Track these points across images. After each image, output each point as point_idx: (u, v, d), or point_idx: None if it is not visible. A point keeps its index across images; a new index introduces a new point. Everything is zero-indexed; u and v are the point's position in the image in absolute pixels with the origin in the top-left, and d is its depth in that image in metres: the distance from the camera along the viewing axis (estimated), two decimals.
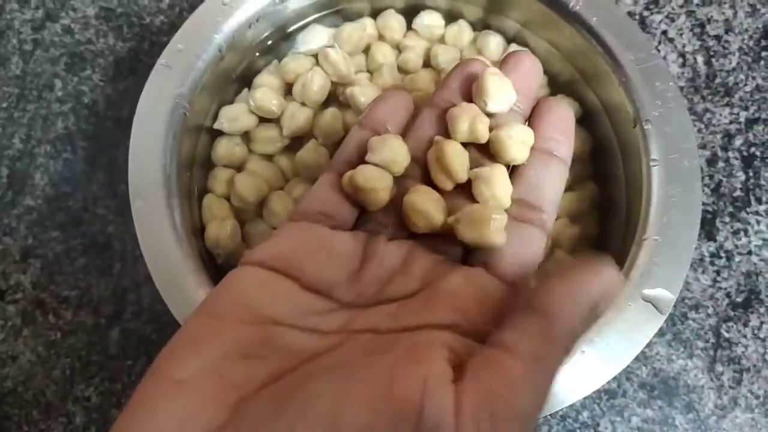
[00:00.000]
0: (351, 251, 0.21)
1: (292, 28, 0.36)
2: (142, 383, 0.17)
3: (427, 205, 0.21)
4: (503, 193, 0.22)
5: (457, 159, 0.22)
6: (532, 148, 0.23)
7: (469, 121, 0.22)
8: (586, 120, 0.34)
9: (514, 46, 0.35)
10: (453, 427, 0.15)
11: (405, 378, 0.16)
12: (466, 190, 0.22)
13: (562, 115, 0.23)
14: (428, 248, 0.21)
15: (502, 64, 0.24)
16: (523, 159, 0.22)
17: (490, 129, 0.22)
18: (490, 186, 0.21)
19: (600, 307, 0.18)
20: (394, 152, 0.22)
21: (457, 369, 0.17)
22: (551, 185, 0.22)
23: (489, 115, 0.23)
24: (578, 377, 0.26)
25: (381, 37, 0.36)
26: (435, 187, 0.22)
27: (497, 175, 0.22)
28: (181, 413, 0.16)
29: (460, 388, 0.16)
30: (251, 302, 0.19)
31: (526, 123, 0.24)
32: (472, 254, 0.22)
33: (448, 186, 0.22)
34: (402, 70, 0.35)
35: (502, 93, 0.22)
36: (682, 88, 0.40)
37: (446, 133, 0.23)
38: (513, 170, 0.23)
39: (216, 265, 0.32)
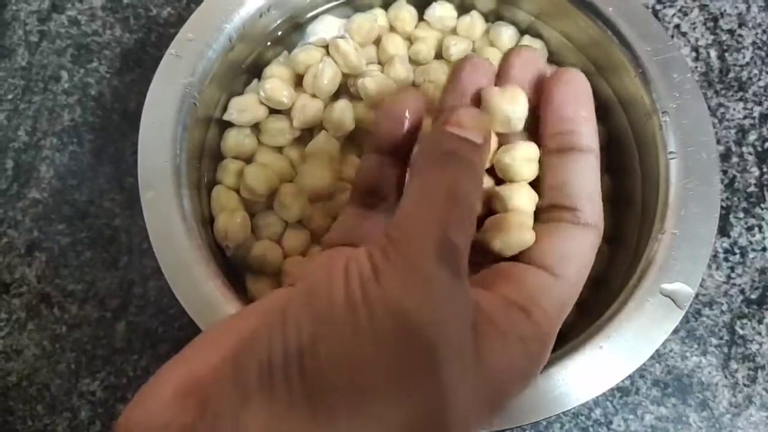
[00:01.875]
0: None
1: (302, 19, 0.35)
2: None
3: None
4: (527, 206, 0.21)
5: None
6: (550, 149, 0.21)
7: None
8: (601, 113, 0.34)
9: (527, 38, 0.35)
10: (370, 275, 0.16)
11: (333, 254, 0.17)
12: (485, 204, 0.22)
13: (577, 95, 0.21)
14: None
15: (502, 63, 0.22)
16: (532, 176, 0.21)
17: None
18: (512, 201, 0.21)
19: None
20: None
21: None
22: (580, 182, 0.20)
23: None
24: (596, 373, 0.26)
25: (392, 29, 0.35)
26: None
27: (516, 191, 0.21)
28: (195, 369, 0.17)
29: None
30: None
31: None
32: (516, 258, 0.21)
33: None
34: (413, 61, 0.35)
35: (508, 112, 0.21)
36: None
37: None
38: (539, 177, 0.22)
39: (225, 257, 0.31)
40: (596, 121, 0.20)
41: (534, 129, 0.22)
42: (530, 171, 0.21)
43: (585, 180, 0.21)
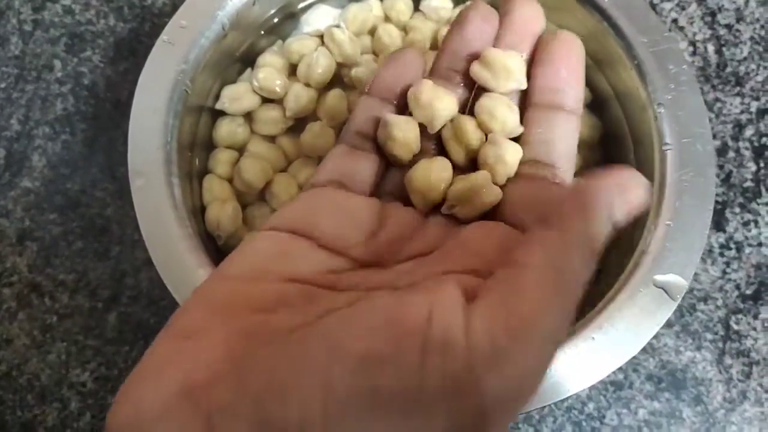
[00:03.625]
0: (367, 212, 0.21)
1: (297, 8, 0.35)
2: (158, 336, 0.17)
3: (426, 184, 0.21)
4: (512, 158, 0.21)
5: (476, 135, 0.21)
6: (535, 103, 0.21)
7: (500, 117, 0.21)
8: (596, 106, 0.34)
9: None
10: (463, 346, 0.14)
11: (410, 302, 0.15)
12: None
13: (569, 56, 0.21)
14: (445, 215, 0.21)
15: (501, 13, 0.23)
16: (512, 172, 0.21)
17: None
18: (496, 149, 0.21)
19: (619, 213, 0.16)
20: (407, 135, 0.21)
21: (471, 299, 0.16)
22: (562, 141, 0.21)
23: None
24: (588, 364, 0.25)
25: (387, 19, 0.35)
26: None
27: (503, 140, 0.21)
28: (189, 363, 0.16)
29: (471, 308, 0.15)
30: (266, 263, 0.18)
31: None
32: (488, 216, 0.21)
33: (463, 160, 0.22)
34: None
35: (506, 74, 0.21)
36: None
37: (459, 105, 0.22)
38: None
39: (217, 246, 0.31)
40: (591, 112, 0.21)
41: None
42: (510, 170, 0.21)
43: (567, 140, 0.21)
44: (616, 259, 0.30)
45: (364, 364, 0.14)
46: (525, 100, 0.22)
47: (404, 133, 0.21)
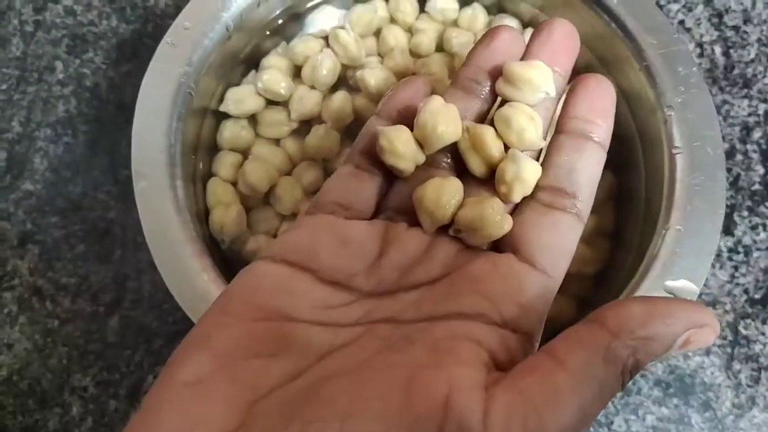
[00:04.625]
0: (369, 240, 0.20)
1: (302, 9, 0.35)
2: (155, 386, 0.16)
3: (435, 204, 0.20)
4: (530, 176, 0.20)
5: (495, 144, 0.21)
6: (566, 131, 0.21)
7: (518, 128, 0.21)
8: None
9: (529, 31, 0.34)
10: None
11: (425, 384, 0.15)
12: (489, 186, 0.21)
13: (603, 93, 0.21)
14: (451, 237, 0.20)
15: (533, 34, 0.23)
16: (529, 191, 0.21)
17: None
18: (513, 166, 0.20)
19: (676, 343, 0.15)
20: (395, 144, 0.21)
21: (491, 370, 0.15)
22: (586, 171, 0.20)
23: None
24: None
25: (393, 20, 0.35)
26: (463, 173, 0.21)
27: (523, 157, 0.20)
28: (193, 417, 0.15)
29: (492, 392, 0.15)
30: (265, 299, 0.18)
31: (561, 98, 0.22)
32: (499, 242, 0.20)
33: (483, 171, 0.21)
34: (414, 53, 0.34)
35: (529, 85, 0.21)
36: None
37: (477, 117, 0.22)
38: (545, 155, 0.22)
39: (220, 250, 0.30)
40: None
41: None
42: (525, 191, 0.21)
43: (591, 171, 0.21)
44: (623, 266, 0.30)
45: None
46: (557, 128, 0.22)
47: (391, 143, 0.20)
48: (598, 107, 0.21)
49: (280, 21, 0.34)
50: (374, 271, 0.19)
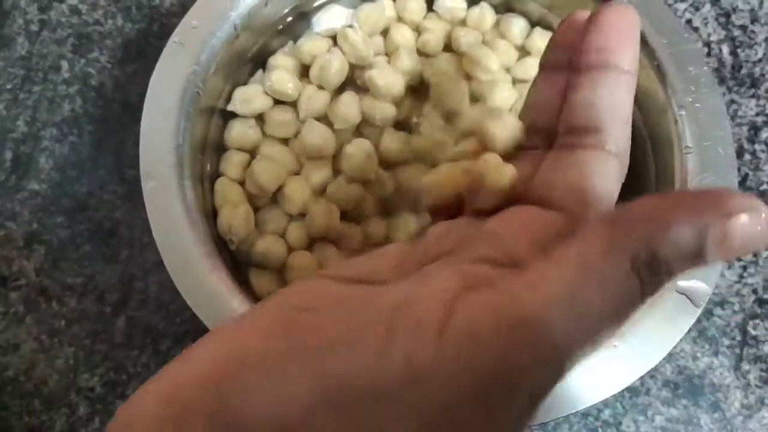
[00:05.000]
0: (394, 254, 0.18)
1: (309, 8, 0.34)
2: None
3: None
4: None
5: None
6: (581, 68, 0.18)
7: None
8: None
9: (538, 30, 0.34)
10: (434, 334, 0.12)
11: (390, 291, 0.14)
12: None
13: (622, 21, 0.18)
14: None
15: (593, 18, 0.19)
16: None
17: None
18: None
19: (711, 246, 0.13)
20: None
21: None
22: (611, 101, 0.17)
23: None
24: (610, 373, 0.25)
25: (400, 19, 0.34)
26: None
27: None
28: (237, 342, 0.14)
29: (463, 296, 0.13)
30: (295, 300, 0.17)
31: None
32: (523, 197, 0.18)
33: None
34: (421, 52, 0.34)
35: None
36: None
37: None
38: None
39: (229, 250, 0.30)
40: None
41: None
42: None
43: (616, 101, 0.17)
44: None
45: (322, 354, 0.13)
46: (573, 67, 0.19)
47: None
48: (618, 35, 0.18)
49: (288, 20, 0.34)
50: (398, 269, 0.18)
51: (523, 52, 0.34)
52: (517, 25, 0.34)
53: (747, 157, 0.37)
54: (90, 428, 0.33)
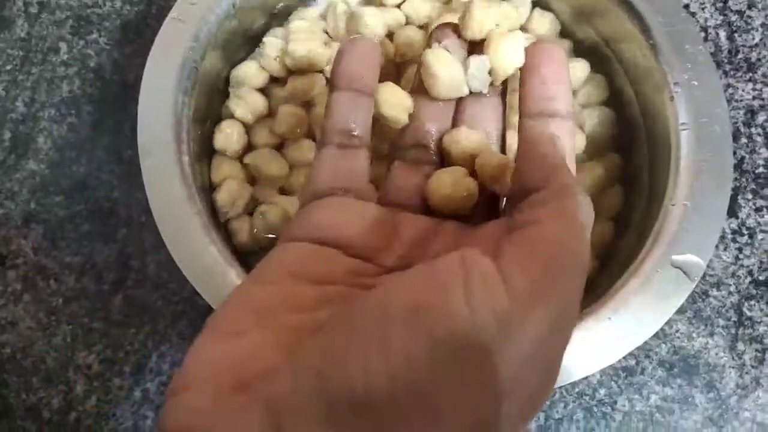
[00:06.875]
0: (384, 218, 0.20)
1: None
2: (198, 338, 0.16)
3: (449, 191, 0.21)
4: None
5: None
6: (527, 111, 0.21)
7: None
8: (608, 82, 0.33)
9: (537, 11, 0.34)
10: (502, 283, 0.14)
11: (441, 260, 0.15)
12: None
13: (559, 63, 0.20)
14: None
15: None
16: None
17: None
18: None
19: None
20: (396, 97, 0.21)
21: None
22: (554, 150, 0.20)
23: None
24: (605, 344, 0.25)
25: None
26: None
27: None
28: (238, 359, 0.15)
29: (497, 257, 0.15)
30: (300, 267, 0.18)
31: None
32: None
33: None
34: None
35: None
36: None
37: None
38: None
39: (227, 227, 0.30)
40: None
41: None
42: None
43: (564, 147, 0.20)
44: (628, 246, 0.30)
45: (414, 315, 0.14)
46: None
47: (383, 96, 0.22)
48: (558, 84, 0.20)
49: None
50: (396, 248, 0.20)
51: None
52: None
53: (743, 140, 0.37)
54: (87, 405, 0.33)
